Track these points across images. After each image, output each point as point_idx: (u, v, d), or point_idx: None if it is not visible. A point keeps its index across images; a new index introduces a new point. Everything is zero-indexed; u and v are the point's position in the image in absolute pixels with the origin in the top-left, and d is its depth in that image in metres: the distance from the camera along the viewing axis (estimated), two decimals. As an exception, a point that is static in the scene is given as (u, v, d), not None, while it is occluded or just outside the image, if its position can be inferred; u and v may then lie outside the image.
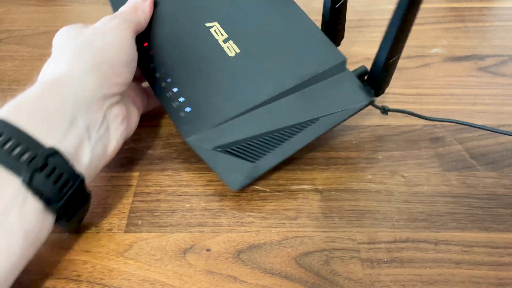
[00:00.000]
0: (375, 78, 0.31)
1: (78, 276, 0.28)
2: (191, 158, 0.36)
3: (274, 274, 0.28)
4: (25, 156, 0.24)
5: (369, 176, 0.34)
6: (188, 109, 0.33)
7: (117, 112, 0.30)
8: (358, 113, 0.32)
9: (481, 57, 0.46)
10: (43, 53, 0.49)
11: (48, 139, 0.25)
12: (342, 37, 0.36)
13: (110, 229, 0.31)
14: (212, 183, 0.34)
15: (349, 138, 0.37)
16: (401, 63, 0.33)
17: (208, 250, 0.29)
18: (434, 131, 0.37)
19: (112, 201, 0.32)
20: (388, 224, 0.30)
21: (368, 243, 0.29)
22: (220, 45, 0.33)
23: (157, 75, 0.34)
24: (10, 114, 0.25)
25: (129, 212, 0.32)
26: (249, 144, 0.31)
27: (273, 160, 0.30)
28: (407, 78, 0.43)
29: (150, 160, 0.36)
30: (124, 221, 0.31)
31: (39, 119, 0.26)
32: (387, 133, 0.37)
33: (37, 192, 0.24)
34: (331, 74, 0.31)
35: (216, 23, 0.34)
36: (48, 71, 0.29)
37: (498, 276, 0.27)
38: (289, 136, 0.31)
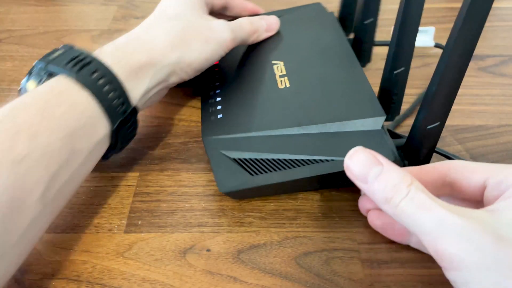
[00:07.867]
0: (411, 147, 0.30)
1: (78, 276, 0.28)
2: (191, 158, 0.36)
3: (274, 274, 0.28)
4: (120, 109, 0.30)
5: (369, 176, 0.34)
6: (220, 116, 0.35)
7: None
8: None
9: (481, 57, 0.46)
10: (43, 53, 0.49)
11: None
12: (398, 113, 0.35)
13: (110, 229, 0.31)
14: (212, 183, 0.34)
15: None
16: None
17: (208, 250, 0.29)
18: (434, 131, 0.37)
19: (112, 201, 0.32)
20: (388, 224, 0.30)
21: (368, 243, 0.29)
22: (275, 78, 0.37)
23: (211, 84, 0.39)
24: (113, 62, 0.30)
25: (129, 212, 0.32)
26: (257, 161, 0.31)
27: (270, 178, 0.30)
28: (408, 78, 0.43)
29: (150, 160, 0.36)
30: (124, 221, 0.31)
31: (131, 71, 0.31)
32: (387, 133, 0.37)
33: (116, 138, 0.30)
34: (365, 126, 0.31)
35: (281, 62, 0.38)
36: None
37: (498, 276, 0.27)
38: (297, 166, 0.30)
